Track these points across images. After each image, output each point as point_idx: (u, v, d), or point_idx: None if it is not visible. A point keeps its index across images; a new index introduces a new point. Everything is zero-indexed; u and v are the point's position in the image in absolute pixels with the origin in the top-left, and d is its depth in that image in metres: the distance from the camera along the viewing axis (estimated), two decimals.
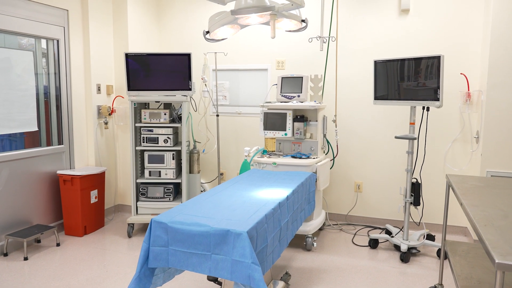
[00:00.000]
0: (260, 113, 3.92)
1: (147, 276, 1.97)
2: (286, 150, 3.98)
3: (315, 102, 3.84)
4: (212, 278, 2.49)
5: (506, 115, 3.38)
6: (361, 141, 4.20)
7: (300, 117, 3.85)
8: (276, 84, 4.07)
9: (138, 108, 4.01)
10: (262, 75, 4.48)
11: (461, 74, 3.73)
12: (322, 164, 3.63)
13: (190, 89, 3.86)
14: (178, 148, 3.99)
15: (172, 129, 3.97)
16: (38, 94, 3.81)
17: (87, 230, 3.97)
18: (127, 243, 3.76)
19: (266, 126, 3.88)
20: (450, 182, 2.41)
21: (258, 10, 2.10)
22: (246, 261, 1.76)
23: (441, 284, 2.73)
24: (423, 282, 3.00)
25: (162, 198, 3.99)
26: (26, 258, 3.36)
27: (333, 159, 4.22)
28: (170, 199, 4.00)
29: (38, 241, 3.73)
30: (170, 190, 4.00)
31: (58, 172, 3.88)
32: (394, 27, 3.96)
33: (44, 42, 3.85)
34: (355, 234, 4.00)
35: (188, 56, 3.79)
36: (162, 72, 3.85)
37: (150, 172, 3.98)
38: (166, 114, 3.93)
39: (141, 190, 4.01)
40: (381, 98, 3.53)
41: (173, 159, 3.96)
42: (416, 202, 3.51)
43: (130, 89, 3.85)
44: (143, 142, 3.96)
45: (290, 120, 3.80)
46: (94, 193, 4.01)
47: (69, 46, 3.98)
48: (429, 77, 3.18)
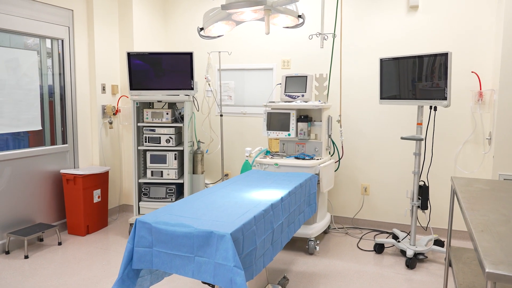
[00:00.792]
0: (263, 113, 3.84)
1: (131, 277, 1.92)
2: (290, 151, 3.89)
3: (320, 101, 3.74)
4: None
5: None
6: (368, 142, 4.07)
7: (304, 117, 3.75)
8: (280, 83, 3.98)
9: (141, 107, 3.99)
10: (268, 75, 4.41)
11: (472, 72, 3.57)
12: (325, 165, 3.52)
13: (192, 88, 3.82)
14: (181, 148, 3.95)
15: (174, 129, 3.93)
16: (42, 93, 3.84)
17: (90, 229, 3.97)
18: None
19: (270, 126, 3.80)
20: (453, 185, 2.28)
21: (249, 4, 2.03)
22: (228, 264, 1.69)
23: None
24: None
25: (164, 198, 3.96)
26: (26, 257, 3.37)
27: (338, 161, 4.11)
28: (172, 200, 3.96)
29: (41, 239, 3.75)
30: (172, 190, 3.96)
31: (62, 171, 3.89)
32: (402, 24, 3.83)
33: (48, 41, 3.88)
34: (361, 238, 3.87)
35: (190, 55, 3.75)
36: (164, 71, 3.82)
37: (152, 172, 3.95)
38: (168, 114, 3.89)
39: (143, 190, 3.98)
40: (387, 97, 3.41)
41: (175, 159, 3.92)
42: (423, 206, 3.37)
43: (132, 88, 3.84)
44: (145, 142, 3.94)
45: (293, 120, 3.71)
46: (97, 192, 4.01)
47: (73, 46, 4.00)
48: (436, 75, 3.04)
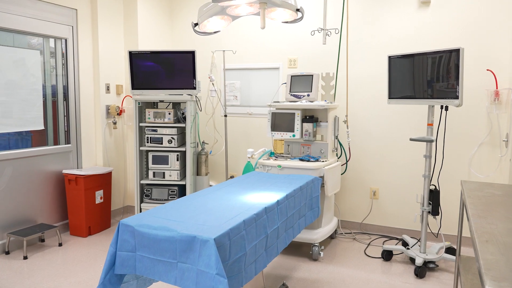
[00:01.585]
0: (268, 113, 3.73)
1: (113, 283, 1.83)
2: (295, 152, 3.76)
3: (325, 101, 3.60)
4: None
5: None
6: (377, 143, 3.90)
7: (309, 117, 3.62)
8: (285, 82, 3.86)
9: (144, 107, 3.93)
10: (274, 74, 4.29)
11: (487, 70, 3.36)
12: (330, 167, 3.38)
13: (194, 88, 3.73)
14: (183, 149, 3.87)
15: (177, 129, 3.85)
16: (45, 93, 3.82)
17: (92, 230, 3.92)
18: None
19: (274, 127, 3.69)
20: (462, 189, 2.12)
21: None
22: (210, 272, 1.57)
23: None
24: None
25: (166, 200, 3.88)
26: (25, 257, 3.33)
27: (346, 163, 3.95)
28: None
29: (42, 240, 3.72)
30: (174, 192, 3.88)
31: (64, 171, 3.86)
32: (413, 20, 3.65)
33: (52, 41, 3.86)
34: (369, 244, 3.70)
35: (192, 53, 3.67)
36: (166, 70, 3.75)
37: (154, 173, 3.88)
38: (170, 114, 3.82)
39: (145, 191, 3.92)
40: (396, 97, 3.25)
41: (177, 160, 3.84)
42: (434, 212, 3.19)
43: (134, 87, 3.78)
44: (147, 142, 3.87)
45: (298, 120, 3.58)
46: (99, 193, 3.96)
47: (77, 45, 3.97)
48: (448, 73, 2.87)
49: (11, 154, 3.47)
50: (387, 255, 3.36)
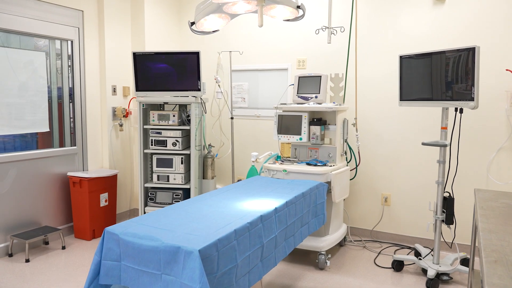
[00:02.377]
0: (274, 115, 3.61)
1: None
2: (302, 156, 3.63)
3: (334, 103, 3.46)
4: None
5: None
6: (388, 147, 3.73)
7: (317, 120, 3.48)
8: (292, 84, 3.74)
9: (149, 109, 3.87)
10: (282, 75, 4.17)
11: (506, 70, 3.16)
12: (338, 172, 3.23)
13: (199, 89, 3.65)
14: (188, 152, 3.79)
15: (181, 132, 3.78)
16: (51, 95, 3.80)
17: (96, 234, 3.88)
18: None
19: (281, 130, 3.56)
20: (475, 199, 1.95)
21: None
22: (194, 286, 1.47)
23: None
24: None
25: (170, 204, 3.80)
26: (27, 260, 3.31)
27: (355, 168, 3.79)
28: None
29: (46, 243, 3.69)
30: (179, 196, 3.80)
31: (68, 173, 3.83)
32: (427, 19, 3.47)
33: (58, 42, 3.84)
34: (379, 253, 3.53)
35: (197, 54, 3.59)
36: (170, 71, 3.68)
37: (158, 176, 3.81)
38: (175, 116, 3.74)
39: (150, 195, 3.85)
40: (408, 98, 3.08)
41: (181, 164, 3.76)
42: (448, 220, 3.00)
43: (138, 89, 3.73)
44: (152, 145, 3.81)
45: (305, 123, 3.45)
46: (104, 196, 3.92)
47: (83, 47, 3.95)
48: (462, 73, 2.69)
49: (16, 156, 3.46)
50: (398, 266, 3.19)
